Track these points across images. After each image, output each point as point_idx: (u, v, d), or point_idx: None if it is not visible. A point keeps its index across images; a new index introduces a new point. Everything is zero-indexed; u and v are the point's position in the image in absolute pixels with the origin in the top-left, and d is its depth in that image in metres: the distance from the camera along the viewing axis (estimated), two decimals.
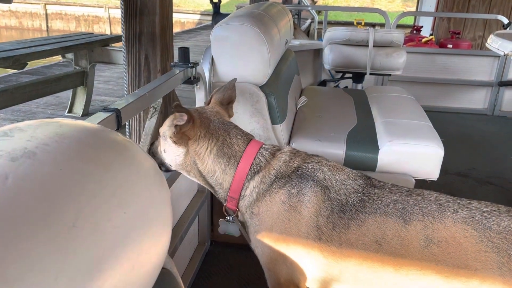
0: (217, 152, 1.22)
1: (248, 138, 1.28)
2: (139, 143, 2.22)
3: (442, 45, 6.22)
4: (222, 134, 1.24)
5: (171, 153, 1.27)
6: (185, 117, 1.17)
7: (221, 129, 1.25)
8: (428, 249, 1.06)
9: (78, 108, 4.20)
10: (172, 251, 1.53)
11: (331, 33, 3.41)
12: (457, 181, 2.91)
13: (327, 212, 1.15)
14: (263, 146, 1.27)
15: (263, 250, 1.22)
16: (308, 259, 1.17)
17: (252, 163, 1.22)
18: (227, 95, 1.39)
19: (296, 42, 3.69)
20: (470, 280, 1.03)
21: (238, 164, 1.22)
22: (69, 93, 4.21)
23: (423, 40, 5.89)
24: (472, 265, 1.03)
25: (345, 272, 1.15)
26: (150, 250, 0.53)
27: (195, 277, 1.89)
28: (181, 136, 1.22)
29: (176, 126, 1.20)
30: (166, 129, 1.27)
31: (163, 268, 0.65)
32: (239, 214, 1.29)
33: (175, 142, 1.24)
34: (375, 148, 1.92)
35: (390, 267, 1.09)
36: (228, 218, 1.33)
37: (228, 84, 1.41)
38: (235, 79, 1.44)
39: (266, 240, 1.20)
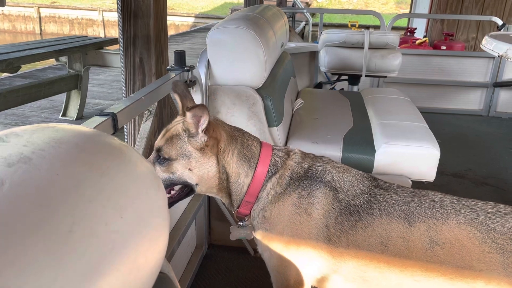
0: (238, 154, 1.20)
1: (258, 140, 1.28)
2: (134, 146, 2.21)
3: (435, 47, 6.24)
4: (240, 136, 1.24)
5: (202, 167, 1.16)
6: (206, 116, 1.10)
7: (235, 131, 1.24)
8: (432, 250, 1.07)
9: (72, 112, 4.18)
10: (169, 255, 1.52)
11: (326, 35, 3.42)
12: (453, 182, 2.92)
13: (336, 214, 1.16)
14: (274, 147, 1.27)
15: (273, 254, 1.22)
16: (318, 261, 1.18)
17: (269, 164, 1.21)
18: (188, 94, 1.28)
19: (292, 44, 3.70)
20: (475, 281, 1.04)
21: (256, 166, 1.21)
22: (63, 96, 4.19)
23: (417, 42, 5.92)
24: (476, 266, 1.03)
25: (352, 272, 1.16)
26: (147, 254, 0.53)
27: (192, 281, 1.89)
28: (213, 143, 1.16)
29: (205, 131, 1.13)
30: (186, 146, 1.15)
31: (160, 272, 0.65)
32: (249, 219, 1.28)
33: (202, 149, 1.14)
34: (372, 150, 1.92)
35: (395, 268, 1.10)
36: (240, 223, 1.30)
37: (175, 88, 1.27)
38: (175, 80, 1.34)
39: (277, 244, 1.20)
